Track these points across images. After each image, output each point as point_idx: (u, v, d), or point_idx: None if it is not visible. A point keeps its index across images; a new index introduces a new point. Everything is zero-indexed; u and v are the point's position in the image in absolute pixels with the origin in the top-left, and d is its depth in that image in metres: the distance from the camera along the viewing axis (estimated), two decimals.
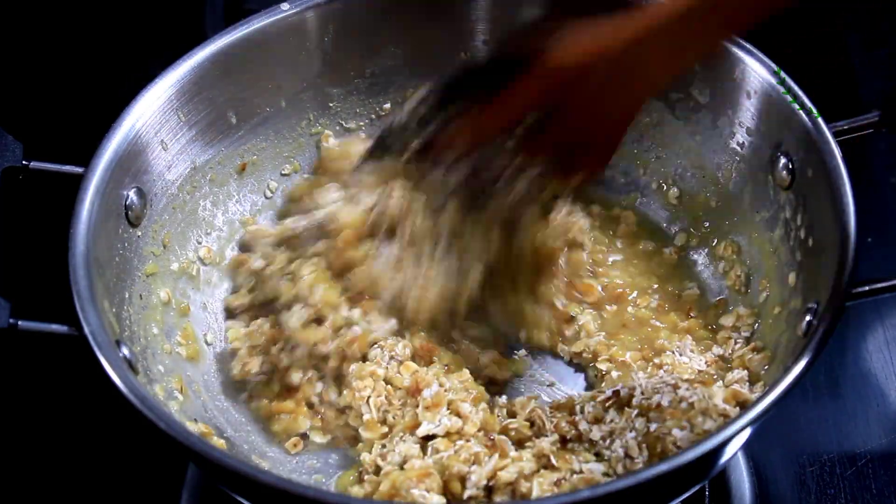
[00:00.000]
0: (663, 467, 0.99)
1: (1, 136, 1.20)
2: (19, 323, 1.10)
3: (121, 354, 1.10)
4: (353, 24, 1.39)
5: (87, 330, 1.08)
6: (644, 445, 1.15)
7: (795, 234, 1.23)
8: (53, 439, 1.36)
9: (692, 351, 1.28)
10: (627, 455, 1.15)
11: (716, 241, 1.37)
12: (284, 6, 1.35)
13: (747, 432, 1.04)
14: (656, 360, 1.27)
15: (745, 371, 1.24)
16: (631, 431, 1.16)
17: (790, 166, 1.25)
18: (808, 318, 1.14)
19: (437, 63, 1.43)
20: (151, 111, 1.27)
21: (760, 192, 1.30)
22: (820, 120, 1.22)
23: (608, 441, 1.17)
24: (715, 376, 1.24)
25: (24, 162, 1.19)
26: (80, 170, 1.19)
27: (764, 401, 1.03)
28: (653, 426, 1.15)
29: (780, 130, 1.27)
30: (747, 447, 1.31)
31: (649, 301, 1.35)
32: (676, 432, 1.13)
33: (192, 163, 1.33)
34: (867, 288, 1.11)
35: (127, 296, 1.21)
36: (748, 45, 1.29)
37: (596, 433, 1.18)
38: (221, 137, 1.36)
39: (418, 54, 1.43)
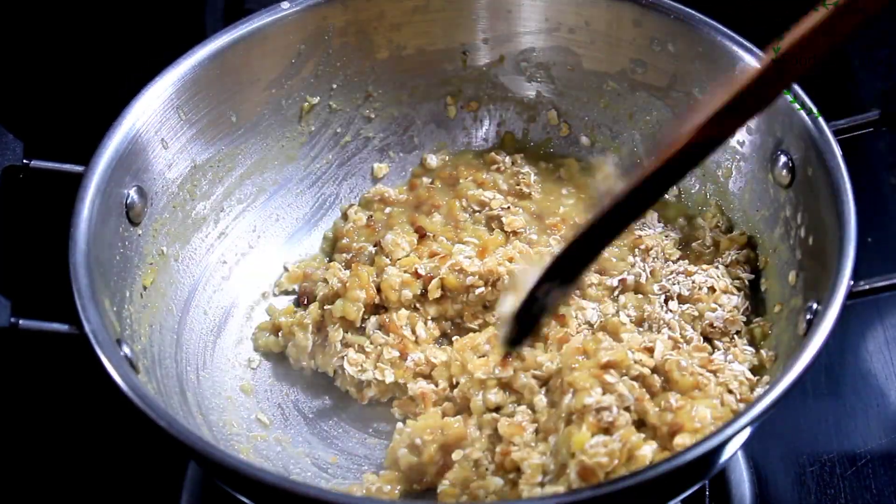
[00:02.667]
0: (664, 467, 0.99)
1: (1, 135, 1.20)
2: (20, 322, 1.10)
3: (121, 353, 1.10)
4: (353, 22, 1.39)
5: (87, 329, 1.08)
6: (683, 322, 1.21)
7: (795, 232, 1.23)
8: (53, 439, 1.36)
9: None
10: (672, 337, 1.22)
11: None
12: (284, 5, 1.35)
13: (747, 432, 1.04)
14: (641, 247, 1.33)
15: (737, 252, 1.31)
16: (668, 313, 1.22)
17: (790, 165, 1.25)
18: (808, 316, 1.14)
19: (437, 61, 1.43)
20: (152, 110, 1.27)
21: (760, 190, 1.30)
22: (820, 119, 1.22)
23: (644, 326, 1.23)
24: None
25: (24, 161, 1.20)
26: (80, 168, 1.19)
27: (764, 400, 1.03)
28: (685, 307, 1.22)
29: (780, 129, 1.27)
30: (747, 447, 1.31)
31: None
32: (710, 315, 1.18)
33: (192, 161, 1.33)
34: (867, 287, 1.12)
35: (128, 294, 1.21)
36: (748, 44, 1.29)
37: (623, 317, 1.24)
38: (222, 136, 1.36)
39: (419, 52, 1.43)
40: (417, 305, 1.32)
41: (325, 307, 1.31)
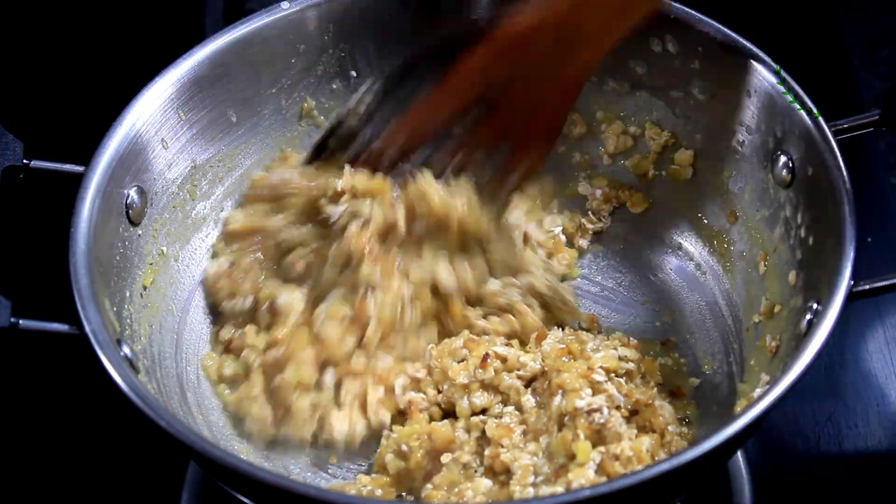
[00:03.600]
0: (663, 466, 0.99)
1: (1, 135, 1.20)
2: (20, 322, 1.10)
3: (122, 353, 1.10)
4: (353, 22, 1.39)
5: (87, 329, 1.08)
6: None
7: (796, 232, 1.23)
8: (53, 439, 1.36)
9: None
10: None
11: (716, 240, 1.37)
12: (284, 5, 1.35)
13: (747, 432, 1.04)
14: None
15: None
16: None
17: (790, 165, 1.25)
18: (808, 316, 1.14)
19: (438, 61, 1.43)
20: (152, 110, 1.27)
21: (760, 190, 1.30)
22: (820, 119, 1.22)
23: None
24: None
25: (24, 161, 1.19)
26: (80, 168, 1.19)
27: (764, 400, 1.03)
28: None
29: (780, 129, 1.27)
30: (747, 447, 1.31)
31: None
32: None
33: (192, 161, 1.33)
34: (867, 287, 1.12)
35: (128, 294, 1.21)
36: (748, 44, 1.29)
37: None
38: (222, 136, 1.36)
39: (419, 53, 1.43)
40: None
41: (275, 377, 1.24)
